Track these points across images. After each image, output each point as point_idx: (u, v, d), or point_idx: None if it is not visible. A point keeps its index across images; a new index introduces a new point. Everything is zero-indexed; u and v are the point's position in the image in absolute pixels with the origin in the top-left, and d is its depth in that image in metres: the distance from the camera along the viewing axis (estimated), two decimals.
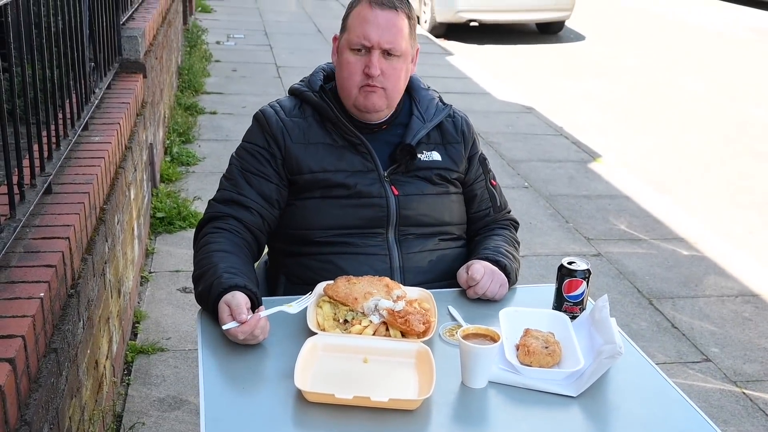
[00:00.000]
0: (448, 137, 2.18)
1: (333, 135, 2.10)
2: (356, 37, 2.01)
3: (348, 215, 2.05)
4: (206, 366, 1.69)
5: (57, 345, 1.93)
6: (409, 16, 2.06)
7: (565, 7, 11.11)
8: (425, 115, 2.16)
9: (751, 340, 3.76)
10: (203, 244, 2.01)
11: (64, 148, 2.63)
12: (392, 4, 2.02)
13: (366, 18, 2.00)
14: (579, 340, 1.77)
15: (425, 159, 2.12)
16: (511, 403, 1.63)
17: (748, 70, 9.67)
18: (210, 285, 1.84)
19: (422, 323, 1.76)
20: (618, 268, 4.42)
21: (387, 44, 2.00)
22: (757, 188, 5.81)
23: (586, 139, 6.73)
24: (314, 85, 2.14)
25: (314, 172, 2.06)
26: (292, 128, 2.09)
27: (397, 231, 2.09)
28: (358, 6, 2.04)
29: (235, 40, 10.05)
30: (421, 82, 2.24)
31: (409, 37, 2.06)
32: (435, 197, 2.13)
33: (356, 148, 2.09)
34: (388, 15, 2.00)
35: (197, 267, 1.96)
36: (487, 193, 2.25)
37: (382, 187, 2.07)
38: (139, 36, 4.15)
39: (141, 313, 3.62)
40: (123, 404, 3.00)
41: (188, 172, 5.40)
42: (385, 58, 2.01)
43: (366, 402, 1.53)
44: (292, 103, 2.16)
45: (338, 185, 2.06)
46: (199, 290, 1.89)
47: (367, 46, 2.00)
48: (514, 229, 2.31)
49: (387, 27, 2.00)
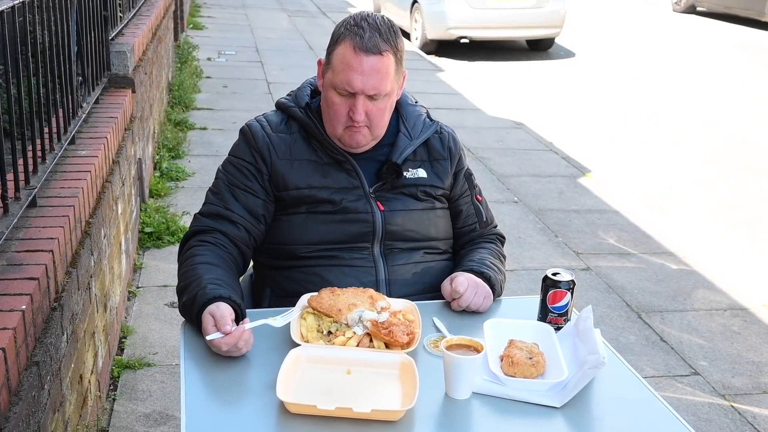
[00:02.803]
0: (434, 154, 2.17)
1: (318, 152, 2.09)
2: (340, 81, 1.96)
3: (334, 230, 2.05)
4: (188, 378, 1.68)
5: (39, 358, 1.91)
6: (395, 51, 1.99)
7: (555, 24, 11.18)
8: (412, 132, 2.14)
9: (740, 353, 3.76)
10: (188, 256, 2.00)
11: (49, 161, 2.63)
12: (377, 49, 1.94)
13: (350, 64, 1.94)
14: (563, 351, 1.77)
15: (411, 176, 2.12)
16: (494, 414, 1.62)
17: (738, 87, 9.73)
18: (194, 296, 1.83)
19: (406, 334, 1.76)
20: (607, 282, 4.42)
21: (371, 90, 1.96)
22: (745, 203, 5.84)
23: (576, 155, 6.76)
24: (301, 101, 2.13)
25: (300, 188, 2.05)
26: (278, 144, 2.08)
27: (383, 245, 2.08)
28: (342, 44, 1.97)
29: (227, 57, 10.07)
30: (408, 98, 2.21)
31: (395, 74, 2.00)
32: (420, 212, 2.13)
33: (341, 165, 2.08)
34: (373, 61, 1.93)
35: (181, 279, 1.95)
36: (472, 209, 2.24)
37: (368, 203, 2.07)
38: (128, 51, 4.16)
39: (128, 328, 3.60)
40: (108, 419, 2.97)
41: (177, 187, 5.40)
42: (370, 100, 1.98)
43: (348, 413, 1.52)
44: (278, 118, 2.14)
45: (324, 201, 2.05)
46: (183, 301, 1.88)
47: (350, 92, 1.96)
48: (500, 243, 2.30)
49: (371, 73, 1.94)
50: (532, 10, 11.00)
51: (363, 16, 1.99)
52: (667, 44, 12.46)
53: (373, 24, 1.96)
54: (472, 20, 10.84)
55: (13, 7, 2.20)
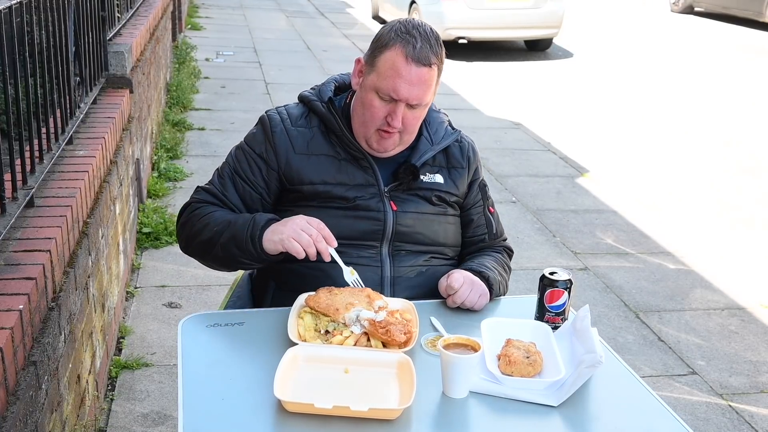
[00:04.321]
0: (453, 162, 2.17)
1: (336, 147, 2.09)
2: (385, 87, 1.94)
3: (344, 226, 2.04)
4: (186, 378, 1.68)
5: (36, 358, 1.91)
6: (441, 63, 1.99)
7: (553, 24, 11.19)
8: (434, 137, 2.15)
9: (738, 352, 3.77)
10: (201, 214, 2.06)
11: (47, 161, 2.63)
12: (428, 61, 1.93)
13: (399, 71, 1.92)
14: (560, 350, 1.77)
15: (427, 180, 2.12)
16: (492, 413, 1.62)
17: (736, 87, 9.74)
18: (249, 220, 1.96)
19: (403, 333, 1.76)
20: (605, 282, 4.42)
21: (415, 100, 1.96)
22: (743, 203, 5.84)
23: (574, 155, 6.77)
24: (324, 96, 2.12)
25: (314, 183, 2.06)
26: (295, 138, 2.09)
27: (391, 246, 2.08)
28: (393, 49, 1.94)
29: (225, 57, 10.08)
30: (433, 104, 2.19)
31: (436, 85, 2.01)
32: (432, 217, 2.12)
33: (359, 162, 2.08)
34: (422, 72, 1.93)
35: (208, 227, 2.02)
36: (483, 219, 2.24)
37: (381, 202, 2.07)
38: (126, 52, 4.16)
39: (126, 328, 3.60)
40: (106, 420, 2.97)
41: (176, 187, 5.40)
42: (409, 108, 1.98)
43: (346, 412, 1.52)
44: (299, 111, 2.14)
45: (337, 198, 2.05)
46: (231, 233, 1.97)
47: (394, 98, 1.95)
48: (507, 254, 2.31)
49: (418, 84, 1.94)
50: (530, 10, 11.01)
51: (414, 24, 1.97)
52: (665, 45, 12.47)
53: (423, 34, 1.95)
54: (470, 21, 10.85)
55: (11, 7, 2.20)
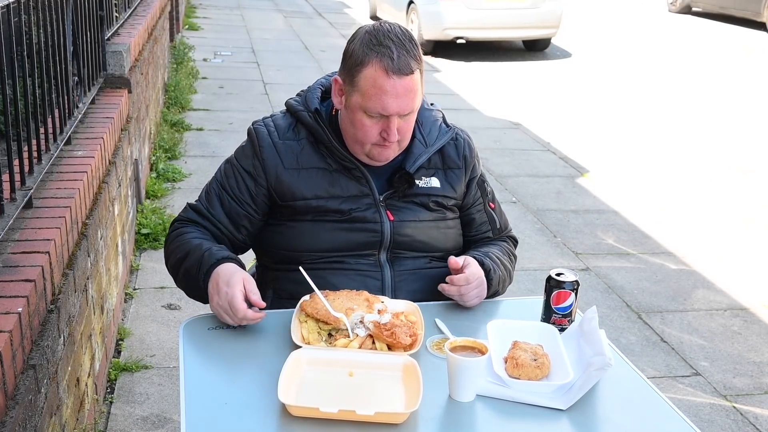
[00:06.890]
0: (449, 162, 2.11)
1: (327, 159, 2.02)
2: (372, 106, 1.87)
3: (340, 239, 2.01)
4: (188, 380, 1.65)
5: (36, 361, 1.89)
6: (421, 64, 1.91)
7: (551, 24, 11.18)
8: (427, 138, 2.08)
9: (741, 353, 3.75)
10: (178, 234, 2.05)
11: (45, 162, 2.60)
12: (409, 69, 1.85)
13: (383, 88, 1.85)
14: (568, 353, 1.75)
15: (423, 185, 2.06)
16: (499, 417, 1.60)
17: (736, 87, 9.73)
18: (200, 257, 1.91)
19: (409, 336, 1.73)
20: (606, 283, 4.40)
21: (406, 110, 1.89)
22: (744, 203, 5.83)
23: (574, 155, 6.75)
24: (311, 105, 2.04)
25: (307, 199, 2.00)
26: (284, 153, 2.02)
27: (390, 252, 2.05)
28: (370, 65, 1.85)
29: (223, 57, 10.05)
30: (425, 101, 2.12)
31: (422, 86, 1.93)
32: (431, 224, 2.08)
33: (351, 172, 2.02)
34: (405, 82, 1.85)
35: (177, 252, 2.00)
36: (485, 216, 2.19)
37: (377, 212, 2.02)
38: (124, 51, 4.13)
39: (125, 330, 3.57)
40: (105, 423, 2.94)
41: (174, 188, 5.37)
42: (401, 117, 1.91)
43: (351, 416, 1.49)
44: (286, 122, 2.07)
45: (332, 211, 2.01)
46: (186, 267, 1.94)
47: (385, 115, 1.89)
48: (511, 243, 2.27)
49: (405, 94, 1.86)
50: (529, 10, 11.00)
51: (384, 32, 1.88)
52: (663, 44, 12.46)
53: (397, 41, 1.86)
54: (469, 21, 10.83)
55: (8, 6, 2.17)
